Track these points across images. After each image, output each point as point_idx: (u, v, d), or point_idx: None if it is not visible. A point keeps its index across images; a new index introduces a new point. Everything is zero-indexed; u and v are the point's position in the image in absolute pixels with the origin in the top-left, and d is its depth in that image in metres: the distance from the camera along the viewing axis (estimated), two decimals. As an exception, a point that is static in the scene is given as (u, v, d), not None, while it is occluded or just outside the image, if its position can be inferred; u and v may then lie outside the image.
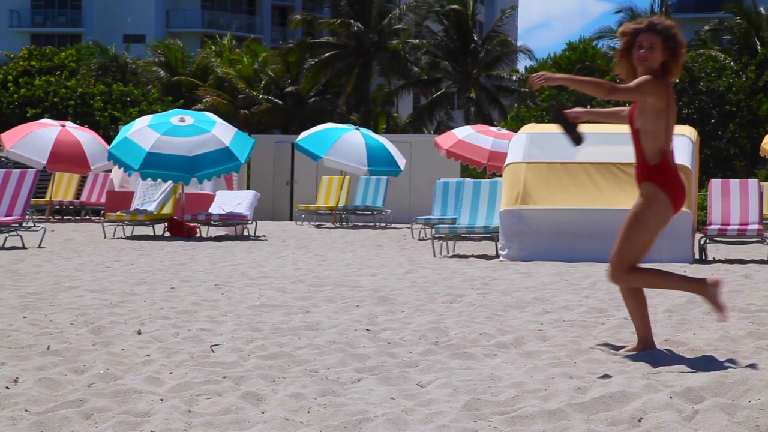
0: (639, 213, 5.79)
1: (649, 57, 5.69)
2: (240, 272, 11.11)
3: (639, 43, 5.73)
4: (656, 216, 5.77)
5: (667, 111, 5.74)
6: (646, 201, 5.78)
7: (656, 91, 5.66)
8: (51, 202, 26.15)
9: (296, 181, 28.55)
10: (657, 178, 5.77)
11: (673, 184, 5.78)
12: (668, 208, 5.77)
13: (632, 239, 5.79)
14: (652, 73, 5.69)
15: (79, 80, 37.03)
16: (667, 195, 5.75)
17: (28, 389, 4.83)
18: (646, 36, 5.72)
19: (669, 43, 5.74)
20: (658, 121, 5.73)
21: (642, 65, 5.71)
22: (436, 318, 7.36)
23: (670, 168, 5.79)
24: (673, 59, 5.75)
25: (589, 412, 4.45)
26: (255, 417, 4.36)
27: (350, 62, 47.44)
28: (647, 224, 5.77)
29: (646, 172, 5.81)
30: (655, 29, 5.73)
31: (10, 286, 9.38)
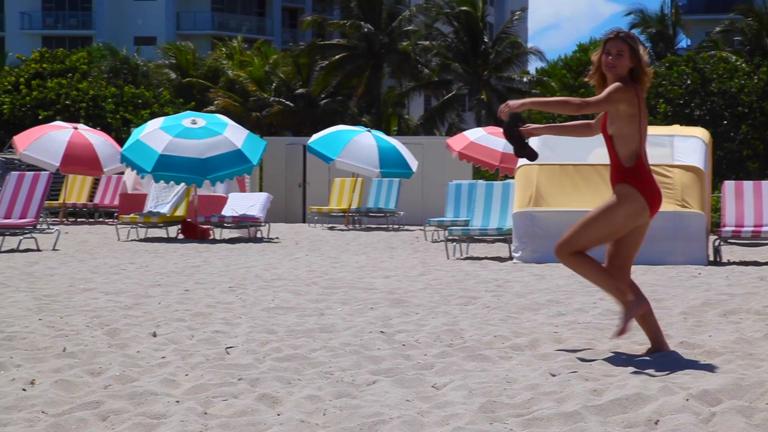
0: (611, 207, 5.84)
1: (617, 64, 5.80)
2: (254, 274, 11.12)
3: (607, 51, 5.84)
4: (627, 215, 5.81)
5: (639, 116, 5.80)
6: (621, 199, 5.83)
7: (627, 98, 5.74)
8: (64, 204, 26.22)
9: (308, 183, 28.56)
10: (632, 179, 5.83)
11: (649, 185, 5.86)
12: (643, 208, 5.82)
13: (593, 228, 5.85)
14: (621, 80, 5.78)
15: (91, 82, 37.11)
16: (643, 196, 5.81)
17: (44, 391, 4.84)
18: (614, 44, 5.83)
19: (636, 53, 5.82)
20: (631, 127, 5.80)
21: (610, 72, 5.82)
22: (450, 320, 7.36)
23: (645, 170, 5.86)
24: (642, 67, 5.84)
25: (605, 414, 4.44)
26: (271, 419, 4.37)
27: (361, 64, 47.45)
28: (614, 220, 5.82)
29: (622, 173, 5.87)
30: (623, 38, 5.83)
31: (25, 288, 9.41)
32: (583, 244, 5.86)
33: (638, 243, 5.97)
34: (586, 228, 5.85)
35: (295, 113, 46.80)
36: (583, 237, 5.85)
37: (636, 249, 5.97)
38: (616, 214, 5.80)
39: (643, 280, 10.55)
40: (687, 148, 14.00)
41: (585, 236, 5.85)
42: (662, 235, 13.16)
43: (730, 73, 31.44)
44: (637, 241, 5.96)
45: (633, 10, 49.03)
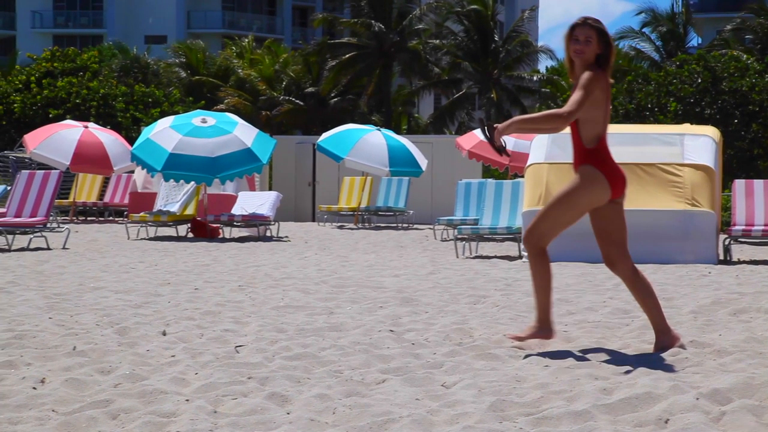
0: (573, 189, 5.90)
1: (585, 50, 5.87)
2: (263, 273, 11.13)
3: (575, 37, 5.91)
4: (590, 195, 5.88)
5: (606, 101, 5.88)
6: (583, 179, 5.89)
7: (600, 85, 5.82)
8: (75, 203, 26.28)
9: (318, 181, 28.58)
10: (595, 160, 5.89)
11: (611, 166, 5.91)
12: (605, 188, 5.88)
13: (558, 211, 5.93)
14: (590, 67, 5.86)
15: (102, 81, 37.18)
16: (604, 176, 5.86)
17: (54, 390, 4.85)
18: (581, 30, 5.90)
19: (604, 38, 5.90)
20: (597, 111, 5.88)
21: (578, 57, 5.89)
22: (460, 319, 7.36)
23: (607, 151, 5.93)
24: (609, 53, 5.91)
25: (615, 413, 4.44)
26: (280, 418, 4.37)
27: (371, 63, 47.46)
28: (577, 201, 5.89)
29: (584, 155, 5.93)
30: (590, 24, 5.90)
31: (35, 286, 9.44)
32: (549, 228, 5.96)
33: (622, 224, 6.03)
34: (551, 211, 5.94)
35: (304, 112, 46.84)
36: (548, 221, 5.95)
37: (623, 229, 6.04)
38: (578, 195, 5.88)
39: (653, 279, 10.53)
40: (697, 147, 13.97)
41: (550, 220, 5.95)
42: (672, 233, 13.14)
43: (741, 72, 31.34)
44: (620, 223, 6.02)
45: (644, 9, 48.95)
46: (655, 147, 14.28)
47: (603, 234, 6.03)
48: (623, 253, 6.04)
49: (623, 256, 6.04)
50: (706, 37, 53.85)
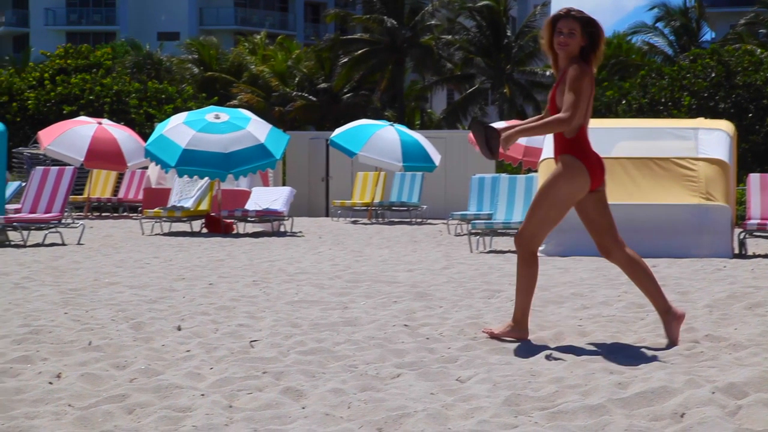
0: (554, 180, 5.91)
1: (569, 42, 5.88)
2: (277, 268, 11.14)
3: (559, 30, 5.91)
4: (571, 185, 5.88)
5: (591, 93, 5.89)
6: (565, 169, 5.89)
7: (589, 78, 5.84)
8: (89, 199, 26.35)
9: (331, 177, 28.60)
10: (574, 150, 5.90)
11: (591, 156, 5.93)
12: (585, 178, 5.88)
13: (543, 207, 5.94)
14: (574, 59, 5.87)
15: (115, 78, 37.26)
16: (585, 165, 5.88)
17: (70, 384, 4.86)
18: (565, 22, 5.90)
19: (588, 28, 5.89)
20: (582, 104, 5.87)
21: (562, 50, 5.90)
22: (474, 313, 7.35)
23: (587, 141, 5.95)
24: (593, 46, 5.90)
25: (630, 407, 4.43)
26: (295, 412, 4.37)
27: (384, 58, 47.44)
28: (561, 195, 5.89)
29: (564, 144, 5.94)
30: (574, 16, 5.90)
31: (50, 282, 9.47)
32: (538, 227, 5.96)
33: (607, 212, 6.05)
34: (536, 210, 5.96)
35: (317, 108, 46.85)
36: (535, 220, 5.96)
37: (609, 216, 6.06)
38: (559, 187, 5.88)
39: (668, 273, 10.52)
40: (711, 141, 13.93)
41: (537, 218, 5.96)
42: (687, 228, 13.11)
43: (755, 66, 31.23)
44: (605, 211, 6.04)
45: (656, 4, 48.79)
46: (669, 141, 14.25)
47: (591, 225, 6.06)
48: (615, 239, 6.05)
49: (616, 242, 6.05)
50: (720, 31, 53.62)
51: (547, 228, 5.98)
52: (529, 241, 5.99)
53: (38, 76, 37.25)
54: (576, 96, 5.78)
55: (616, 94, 32.94)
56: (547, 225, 5.97)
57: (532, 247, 6.01)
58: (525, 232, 5.98)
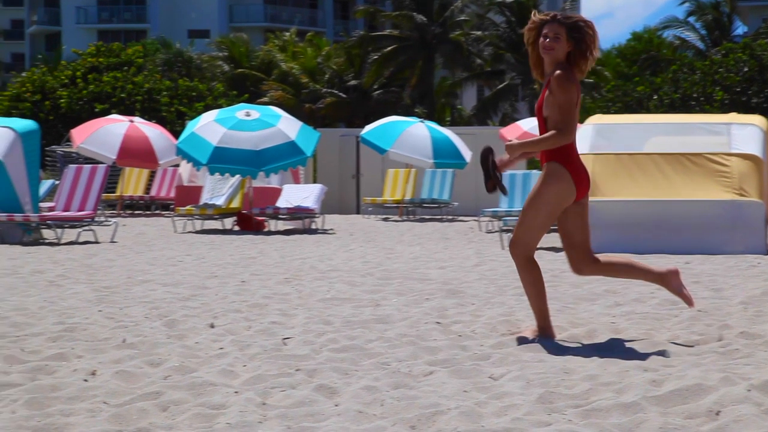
0: (540, 189, 5.91)
1: (554, 47, 5.84)
2: (309, 266, 11.17)
3: (544, 34, 5.87)
4: (556, 191, 5.87)
5: (577, 101, 5.86)
6: (549, 177, 5.89)
7: (575, 86, 5.81)
8: (122, 197, 26.51)
9: (362, 174, 28.61)
10: (561, 157, 5.89)
11: (577, 165, 5.91)
12: (570, 186, 5.87)
13: (531, 216, 5.93)
14: (560, 65, 5.83)
15: (146, 76, 37.44)
16: (570, 174, 5.86)
17: (105, 382, 4.89)
18: (550, 27, 5.86)
19: (573, 34, 5.83)
20: None
21: (547, 54, 5.86)
22: (506, 310, 7.34)
23: (574, 150, 5.92)
24: (579, 51, 5.86)
25: (665, 405, 4.40)
26: (329, 410, 4.38)
27: (413, 55, 47.40)
28: (547, 201, 5.88)
29: (551, 152, 5.91)
30: (559, 21, 5.86)
31: (84, 280, 9.53)
32: (528, 235, 5.96)
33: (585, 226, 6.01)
34: (525, 218, 5.96)
35: (347, 105, 46.88)
36: (525, 228, 5.96)
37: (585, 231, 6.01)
38: (544, 193, 5.87)
39: (701, 270, 10.46)
40: (744, 136, 13.83)
41: (526, 226, 5.96)
42: (720, 224, 13.03)
43: (789, 60, 30.98)
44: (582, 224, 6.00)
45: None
46: (701, 137, 14.17)
47: (566, 237, 6.05)
48: (586, 256, 6.02)
49: (586, 260, 6.02)
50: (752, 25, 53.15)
51: (538, 234, 5.99)
52: (523, 248, 6.00)
53: (70, 74, 37.49)
54: (569, 107, 5.78)
55: (648, 89, 32.78)
56: (537, 231, 5.97)
57: (528, 253, 6.02)
58: (518, 240, 6.00)
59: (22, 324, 6.65)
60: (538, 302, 6.08)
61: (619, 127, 15.01)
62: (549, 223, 5.96)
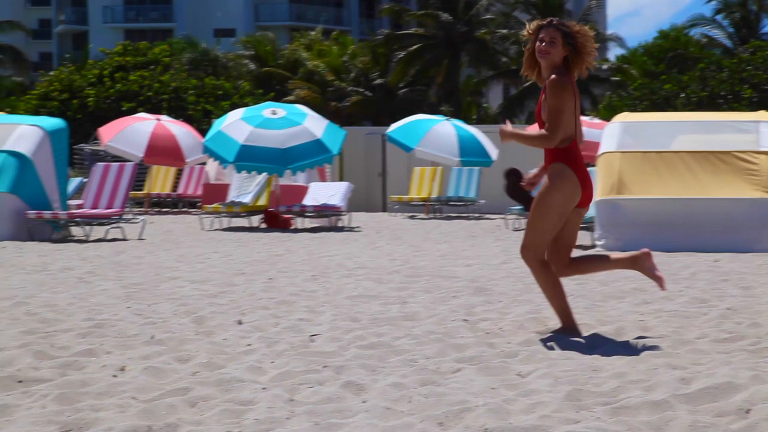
0: (546, 191, 5.95)
1: (550, 51, 5.91)
2: (336, 263, 11.18)
3: (540, 38, 5.95)
4: (563, 191, 5.91)
5: (574, 103, 5.91)
6: (555, 179, 5.94)
7: (568, 91, 5.86)
8: (149, 194, 26.62)
9: (388, 172, 28.60)
10: (565, 159, 5.93)
11: (581, 166, 5.95)
12: (577, 186, 5.91)
13: (541, 219, 5.96)
14: (556, 69, 5.89)
15: (173, 75, 37.58)
16: (575, 174, 5.90)
17: (134, 377, 4.92)
18: (546, 31, 5.94)
19: (569, 40, 5.91)
20: (568, 116, 5.92)
21: (543, 58, 5.94)
22: (534, 308, 7.32)
23: (578, 152, 5.97)
24: (575, 55, 5.93)
25: (694, 403, 4.38)
26: (357, 406, 4.38)
27: (439, 53, 47.35)
28: (555, 202, 5.91)
29: (555, 154, 5.97)
30: (555, 26, 5.94)
31: (113, 277, 9.58)
32: (538, 238, 5.98)
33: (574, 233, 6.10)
34: (533, 222, 5.99)
35: (373, 103, 46.88)
36: (536, 232, 5.98)
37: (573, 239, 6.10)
38: (551, 194, 5.91)
39: (731, 269, 10.40)
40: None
41: (536, 230, 5.98)
42: (749, 222, 12.95)
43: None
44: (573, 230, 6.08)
45: (715, -4, 48.18)
46: (730, 135, 14.09)
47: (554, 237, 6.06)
48: (567, 259, 6.09)
49: (566, 261, 6.09)
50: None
51: (548, 236, 6.00)
52: (534, 251, 6.02)
53: (97, 73, 37.68)
54: (557, 113, 5.83)
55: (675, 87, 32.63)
56: (547, 233, 5.99)
57: (539, 256, 6.04)
58: (529, 245, 6.02)
59: (52, 320, 6.69)
60: (559, 302, 6.11)
61: (647, 125, 14.95)
62: (559, 224, 5.99)
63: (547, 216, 5.93)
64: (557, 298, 6.10)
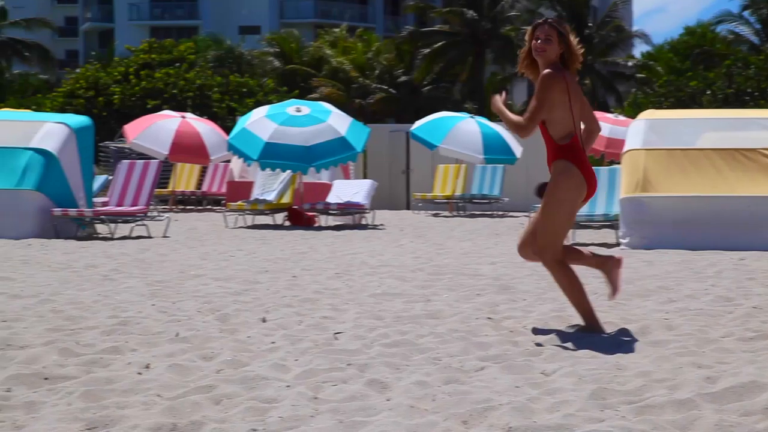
0: (552, 190, 5.98)
1: (546, 48, 5.97)
2: (360, 261, 11.18)
3: (536, 36, 6.03)
4: (569, 187, 5.94)
5: (570, 100, 5.95)
6: (559, 176, 5.97)
7: (558, 86, 5.90)
8: (173, 192, 26.70)
9: (412, 169, 28.59)
10: (568, 155, 5.97)
11: (584, 162, 5.99)
12: (581, 183, 5.95)
13: (551, 217, 5.99)
14: (552, 65, 5.95)
15: (198, 72, 37.68)
16: (579, 170, 5.94)
17: (159, 375, 4.93)
18: (542, 29, 6.01)
19: (564, 37, 5.99)
20: (564, 111, 5.97)
21: (540, 56, 6.01)
22: (558, 306, 7.30)
23: (580, 148, 6.01)
24: (570, 53, 6.01)
25: (720, 402, 4.36)
26: (380, 404, 4.38)
27: (464, 50, 47.31)
28: (563, 199, 5.95)
29: (558, 151, 6.01)
30: (550, 24, 6.02)
31: (138, 274, 9.62)
32: (552, 237, 6.01)
33: None
34: (544, 222, 6.02)
35: (397, 100, 46.88)
36: (547, 232, 6.01)
37: None
38: (558, 191, 5.95)
39: (758, 266, 10.34)
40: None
41: (548, 230, 6.01)
42: (776, 220, 12.87)
43: None
44: None
45: (743, -7, 47.88)
46: (756, 132, 14.00)
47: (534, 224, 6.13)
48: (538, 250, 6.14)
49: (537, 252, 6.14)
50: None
51: (562, 234, 6.05)
52: (551, 252, 6.05)
53: (123, 70, 37.84)
54: (535, 106, 5.93)
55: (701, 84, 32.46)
56: (560, 231, 6.04)
57: (556, 256, 6.06)
58: (544, 246, 6.05)
59: (77, 317, 6.73)
60: (579, 300, 6.12)
61: (672, 122, 14.87)
62: (571, 221, 6.03)
63: (557, 215, 5.97)
64: (578, 297, 6.12)
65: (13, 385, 4.71)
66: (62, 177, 15.21)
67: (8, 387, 4.67)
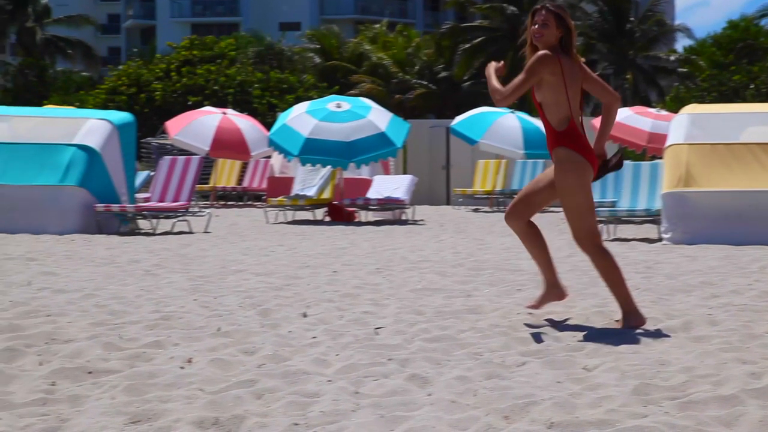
0: (561, 180, 6.00)
1: (543, 33, 6.01)
2: (400, 256, 11.18)
3: (534, 21, 6.06)
4: (575, 173, 5.97)
5: (565, 83, 5.96)
6: (563, 165, 6.00)
7: (548, 68, 5.94)
8: (215, 188, 26.84)
9: (452, 165, 28.55)
10: (568, 141, 5.99)
11: (583, 145, 6.01)
12: (586, 165, 5.98)
13: (572, 208, 6.02)
14: (550, 49, 5.97)
15: (238, 68, 37.83)
16: (580, 155, 5.97)
17: (201, 369, 4.96)
18: (539, 14, 6.04)
19: (562, 22, 6.02)
20: (558, 95, 5.99)
21: (539, 41, 6.04)
22: (599, 302, 7.27)
23: (578, 132, 6.01)
24: (569, 36, 6.04)
25: (764, 398, 4.31)
26: (422, 399, 4.38)
27: (503, 46, 47.15)
28: (575, 185, 5.98)
29: (557, 138, 6.03)
30: (548, 8, 6.03)
31: (180, 269, 9.67)
32: (584, 223, 6.03)
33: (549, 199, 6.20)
34: (568, 212, 6.06)
35: (437, 96, 46.82)
36: (577, 219, 6.04)
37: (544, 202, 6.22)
38: (569, 178, 5.98)
39: (800, 262, 10.23)
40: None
41: (578, 217, 6.04)
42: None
43: None
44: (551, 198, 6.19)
45: (786, -16, 47.39)
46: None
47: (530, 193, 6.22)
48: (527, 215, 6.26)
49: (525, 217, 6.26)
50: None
51: (590, 217, 6.05)
52: (589, 237, 6.07)
53: (164, 67, 38.07)
54: (523, 78, 6.01)
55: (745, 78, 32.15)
56: (589, 215, 6.04)
57: (595, 240, 6.08)
58: (579, 234, 6.08)
59: (120, 312, 6.78)
60: (620, 288, 6.12)
61: (715, 116, 14.75)
62: (591, 201, 6.03)
63: (576, 199, 6.00)
64: (618, 285, 6.12)
65: (57, 378, 4.75)
66: (105, 173, 15.32)
67: (53, 381, 4.71)
